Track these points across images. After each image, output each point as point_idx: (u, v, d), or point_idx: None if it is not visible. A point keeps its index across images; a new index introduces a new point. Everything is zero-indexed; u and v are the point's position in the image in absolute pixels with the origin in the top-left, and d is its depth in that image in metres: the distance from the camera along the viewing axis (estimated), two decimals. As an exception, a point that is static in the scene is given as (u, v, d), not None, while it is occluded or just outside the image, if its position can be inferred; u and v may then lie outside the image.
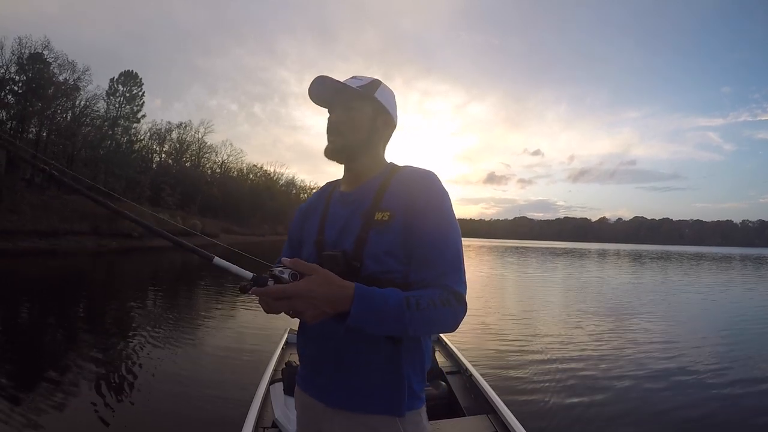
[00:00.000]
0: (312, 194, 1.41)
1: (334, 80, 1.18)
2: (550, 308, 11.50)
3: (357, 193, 1.22)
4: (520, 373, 5.80)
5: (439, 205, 1.11)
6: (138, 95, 48.09)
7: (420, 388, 1.17)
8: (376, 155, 1.26)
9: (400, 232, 1.09)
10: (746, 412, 4.76)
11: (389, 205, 1.12)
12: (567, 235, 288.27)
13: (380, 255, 1.08)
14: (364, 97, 1.20)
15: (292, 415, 2.57)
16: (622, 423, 4.42)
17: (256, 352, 6.08)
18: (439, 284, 1.03)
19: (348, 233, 1.15)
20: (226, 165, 70.47)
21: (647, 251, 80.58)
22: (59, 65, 38.25)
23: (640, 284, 19.17)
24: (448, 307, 1.00)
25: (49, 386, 4.69)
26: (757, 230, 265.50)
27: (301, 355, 1.29)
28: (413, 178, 1.15)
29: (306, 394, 1.24)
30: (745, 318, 10.88)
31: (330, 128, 1.22)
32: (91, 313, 9.28)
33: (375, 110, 1.23)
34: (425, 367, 1.18)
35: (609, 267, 31.39)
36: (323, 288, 0.92)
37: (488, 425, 2.69)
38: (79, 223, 28.44)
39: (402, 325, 0.96)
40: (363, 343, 1.09)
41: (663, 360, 6.66)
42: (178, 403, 4.39)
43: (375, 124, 1.24)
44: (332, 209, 1.25)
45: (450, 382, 3.37)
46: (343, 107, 1.20)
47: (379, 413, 1.10)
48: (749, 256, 69.96)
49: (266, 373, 3.35)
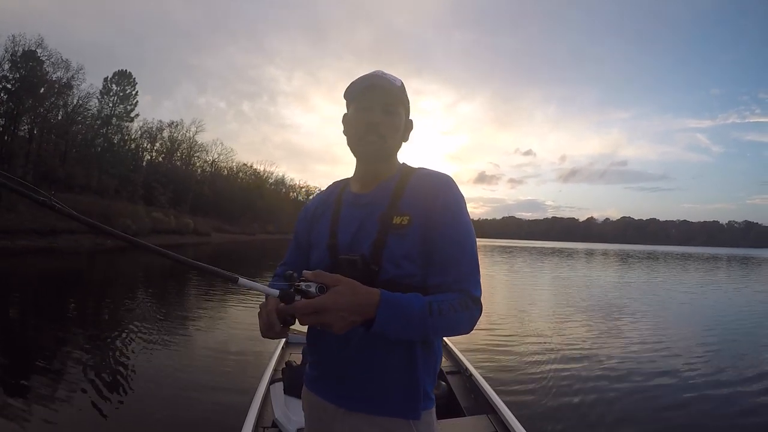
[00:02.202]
0: (316, 194, 1.40)
1: (392, 79, 1.16)
2: (548, 308, 11.61)
3: (371, 195, 1.20)
4: (520, 373, 5.83)
5: (457, 210, 1.12)
6: (131, 95, 48.38)
7: (431, 389, 1.18)
8: (396, 157, 1.27)
9: (419, 236, 1.09)
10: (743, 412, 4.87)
11: (407, 209, 1.12)
12: (555, 234, 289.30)
13: (399, 259, 1.08)
14: (402, 101, 1.20)
15: (292, 415, 2.63)
16: (622, 422, 4.44)
17: (256, 352, 6.08)
18: (458, 288, 1.05)
19: (364, 237, 1.14)
20: (217, 164, 70.68)
21: (633, 251, 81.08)
22: (53, 63, 38.45)
23: (631, 283, 19.53)
24: (466, 311, 1.03)
25: (49, 385, 4.71)
26: (743, 231, 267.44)
27: (311, 357, 1.28)
28: (431, 182, 1.15)
29: (317, 396, 1.23)
30: (738, 317, 11.19)
31: (371, 128, 1.17)
32: (90, 312, 9.23)
33: (406, 114, 1.24)
34: (437, 369, 1.20)
35: (600, 267, 31.68)
36: (350, 298, 0.91)
37: (488, 425, 2.70)
38: (76, 221, 28.15)
39: (424, 329, 0.98)
40: (378, 346, 1.09)
41: (662, 360, 6.67)
42: (178, 403, 4.39)
43: (406, 129, 1.25)
44: (344, 211, 1.23)
45: (450, 382, 3.38)
46: (382, 109, 1.17)
47: (394, 416, 1.11)
48: (734, 256, 70.62)
49: (266, 373, 3.36)
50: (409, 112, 1.25)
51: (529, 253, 51.97)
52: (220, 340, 6.91)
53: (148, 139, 56.95)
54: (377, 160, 1.21)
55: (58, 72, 39.01)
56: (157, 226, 39.69)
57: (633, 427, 4.38)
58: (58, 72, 39.01)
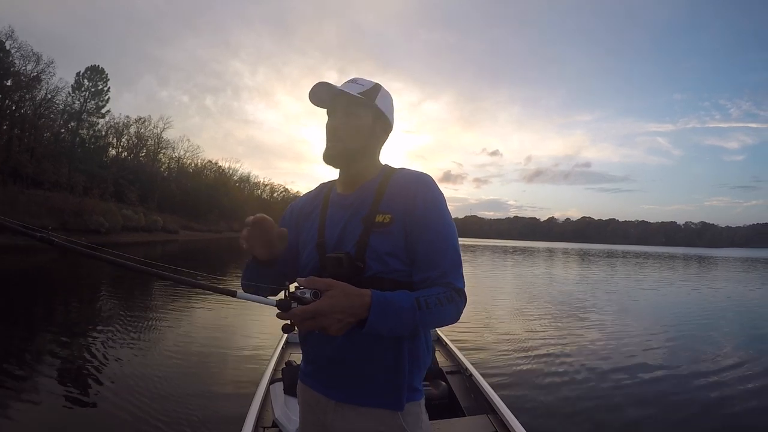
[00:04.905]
0: (304, 194, 1.45)
1: (335, 87, 1.20)
2: (544, 307, 11.70)
3: (354, 195, 1.24)
4: (520, 373, 5.84)
5: (438, 207, 1.16)
6: (103, 90, 47.65)
7: (419, 382, 1.22)
8: (373, 158, 1.29)
9: (401, 233, 1.13)
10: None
11: (389, 208, 1.16)
12: (516, 233, 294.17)
13: (383, 256, 1.12)
14: (365, 104, 1.22)
15: (292, 414, 2.61)
16: (622, 422, 4.47)
17: (256, 352, 6.08)
18: (443, 282, 1.10)
19: (349, 235, 1.18)
20: (182, 161, 69.61)
21: (592, 249, 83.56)
22: (22, 56, 37.51)
23: (621, 284, 19.84)
24: (452, 303, 1.08)
25: (48, 386, 4.71)
26: (698, 231, 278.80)
27: (304, 352, 1.33)
28: (410, 181, 1.19)
29: (310, 389, 1.27)
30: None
31: (329, 133, 1.22)
32: (77, 313, 9.00)
33: (375, 116, 1.25)
34: (427, 362, 1.23)
35: (578, 266, 31.98)
36: (343, 301, 0.95)
37: (488, 425, 2.69)
38: (47, 218, 28.14)
39: (413, 324, 1.03)
40: (365, 340, 1.12)
41: (661, 360, 6.72)
42: (178, 403, 4.37)
43: (374, 131, 1.26)
44: (331, 212, 1.27)
45: (450, 382, 3.37)
46: (343, 112, 1.21)
47: (381, 407, 1.16)
48: (684, 255, 72.80)
49: (266, 372, 3.36)
50: (381, 114, 1.26)
51: (492, 251, 52.95)
52: (219, 341, 6.86)
53: (114, 134, 56.06)
54: (341, 162, 1.25)
55: (28, 65, 38.12)
56: (127, 224, 39.35)
57: (635, 426, 4.42)
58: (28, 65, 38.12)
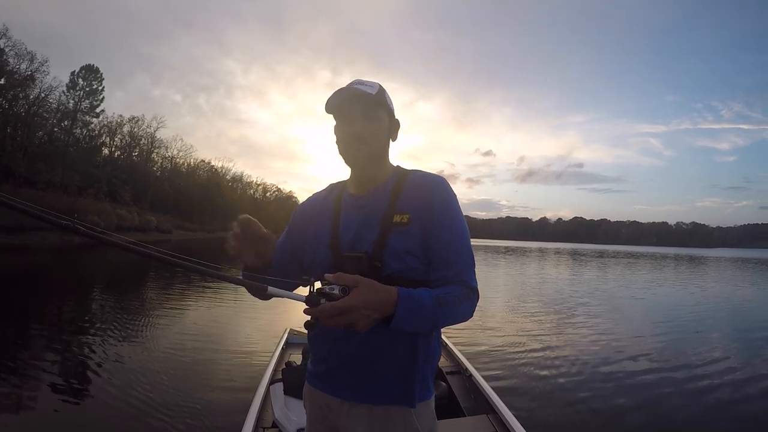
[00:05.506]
0: (313, 193, 1.45)
1: (357, 89, 1.20)
2: (540, 307, 11.69)
3: (369, 196, 1.26)
4: (519, 373, 5.85)
5: (453, 208, 1.20)
6: (98, 90, 47.71)
7: (431, 380, 1.25)
8: (387, 159, 1.31)
9: (419, 233, 1.16)
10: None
11: (406, 208, 1.19)
12: (508, 233, 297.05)
13: (401, 254, 1.14)
14: (381, 105, 1.24)
15: (292, 415, 2.63)
16: (622, 421, 4.50)
17: (256, 352, 6.09)
18: (458, 280, 1.14)
19: (366, 236, 1.19)
20: (175, 160, 69.37)
21: (584, 249, 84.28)
22: (16, 54, 37.37)
23: (615, 282, 20.07)
24: (468, 301, 1.12)
25: (47, 386, 4.71)
26: (690, 232, 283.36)
27: (314, 352, 1.31)
28: (427, 183, 1.22)
29: (320, 392, 1.26)
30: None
31: (352, 138, 1.22)
32: (75, 312, 8.92)
33: (389, 116, 1.27)
34: (437, 360, 1.26)
35: (576, 266, 32.20)
36: (372, 297, 0.96)
37: (488, 425, 2.69)
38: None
39: (434, 321, 1.05)
40: (385, 337, 1.14)
41: (660, 360, 6.75)
42: (177, 403, 4.36)
43: (390, 131, 1.29)
44: (344, 212, 1.28)
45: (450, 382, 3.38)
46: (363, 116, 1.21)
47: (394, 404, 1.17)
48: (676, 255, 73.07)
49: (266, 373, 3.35)
50: (392, 113, 1.29)
51: (484, 251, 53.34)
52: (219, 341, 6.86)
53: (107, 133, 55.86)
54: (366, 164, 1.25)
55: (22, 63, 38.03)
56: (121, 223, 39.34)
57: (634, 426, 4.44)
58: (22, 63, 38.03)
